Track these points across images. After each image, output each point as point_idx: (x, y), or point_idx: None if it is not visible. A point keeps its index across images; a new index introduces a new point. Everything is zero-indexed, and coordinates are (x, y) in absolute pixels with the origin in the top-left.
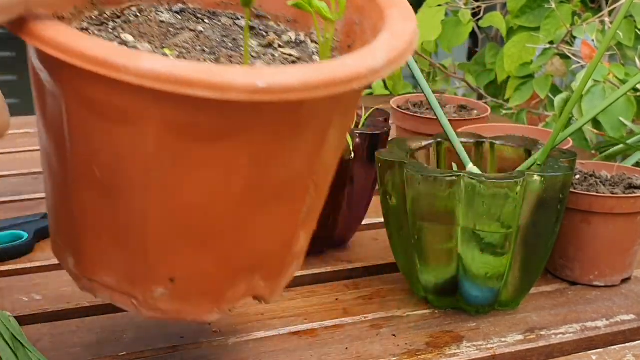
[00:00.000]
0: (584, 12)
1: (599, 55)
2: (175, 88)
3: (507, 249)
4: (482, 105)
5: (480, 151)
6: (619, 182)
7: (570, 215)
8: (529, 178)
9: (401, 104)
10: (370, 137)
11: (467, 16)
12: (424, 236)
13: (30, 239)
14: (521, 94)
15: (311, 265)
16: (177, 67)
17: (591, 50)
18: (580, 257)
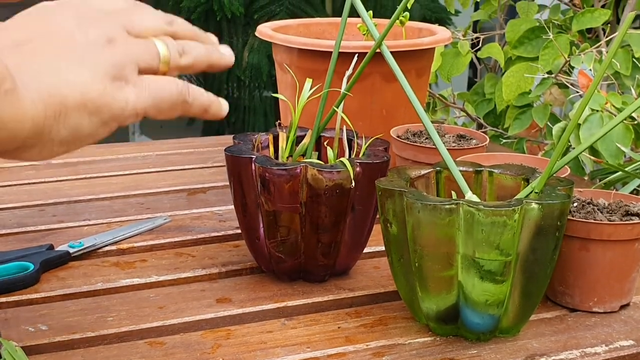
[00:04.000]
0: (582, 43)
1: (594, 83)
2: None
3: (506, 276)
4: (481, 135)
5: (479, 180)
6: (617, 209)
7: (569, 242)
8: (527, 206)
9: (401, 134)
10: (371, 166)
11: (465, 47)
12: (424, 264)
13: (36, 270)
14: (520, 122)
15: (313, 293)
16: None
17: (588, 80)
18: (580, 284)
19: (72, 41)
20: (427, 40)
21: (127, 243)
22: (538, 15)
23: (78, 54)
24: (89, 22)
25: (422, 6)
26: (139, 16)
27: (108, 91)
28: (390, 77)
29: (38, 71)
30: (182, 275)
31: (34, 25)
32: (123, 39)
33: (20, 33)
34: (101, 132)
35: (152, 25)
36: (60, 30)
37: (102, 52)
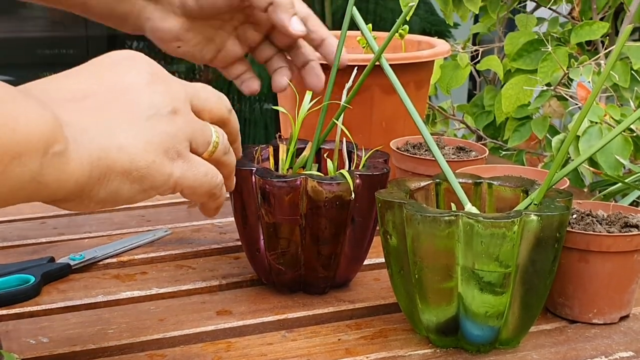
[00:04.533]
0: (580, 55)
1: (593, 95)
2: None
3: (506, 288)
4: (480, 147)
5: (479, 191)
6: (616, 221)
7: (568, 254)
8: (526, 217)
9: (400, 146)
10: (371, 178)
11: (465, 60)
12: (424, 276)
13: (37, 283)
14: (520, 135)
15: (313, 305)
16: None
17: (587, 92)
18: (579, 296)
19: (137, 103)
20: (426, 53)
21: (128, 255)
22: (537, 28)
23: (138, 119)
24: (159, 84)
25: (422, 19)
26: (205, 93)
27: (157, 163)
28: (390, 90)
29: (94, 130)
30: (182, 287)
31: (105, 77)
32: (186, 113)
33: (86, 84)
34: (139, 198)
35: (215, 106)
36: (129, 87)
37: (163, 122)
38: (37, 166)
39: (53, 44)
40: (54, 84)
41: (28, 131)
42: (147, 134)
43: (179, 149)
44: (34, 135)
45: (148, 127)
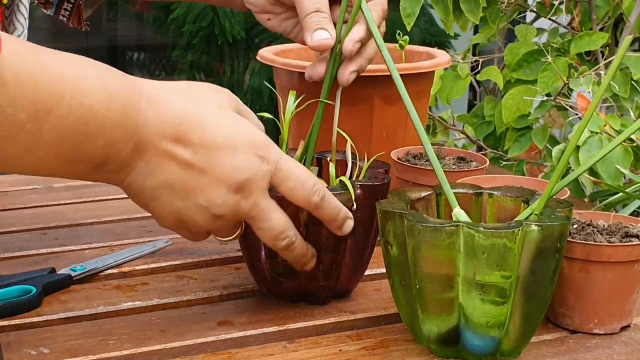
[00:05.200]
0: (580, 65)
1: (593, 106)
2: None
3: (507, 298)
4: (481, 157)
5: (479, 201)
6: (616, 231)
7: (569, 264)
8: (527, 228)
9: (401, 156)
10: (371, 189)
11: (465, 70)
12: (425, 286)
13: (39, 294)
14: (520, 145)
15: (314, 316)
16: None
17: (587, 103)
18: (580, 306)
19: (204, 187)
20: (427, 63)
21: (129, 266)
22: (536, 39)
23: (187, 195)
24: (242, 192)
25: (422, 30)
26: (291, 183)
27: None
28: (390, 100)
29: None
30: (183, 298)
31: (215, 153)
32: (229, 220)
33: (199, 142)
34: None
35: (300, 200)
36: (221, 172)
37: (202, 217)
38: (84, 171)
39: None
40: (189, 116)
41: (92, 153)
42: (182, 211)
43: (193, 231)
44: (95, 156)
45: (188, 209)
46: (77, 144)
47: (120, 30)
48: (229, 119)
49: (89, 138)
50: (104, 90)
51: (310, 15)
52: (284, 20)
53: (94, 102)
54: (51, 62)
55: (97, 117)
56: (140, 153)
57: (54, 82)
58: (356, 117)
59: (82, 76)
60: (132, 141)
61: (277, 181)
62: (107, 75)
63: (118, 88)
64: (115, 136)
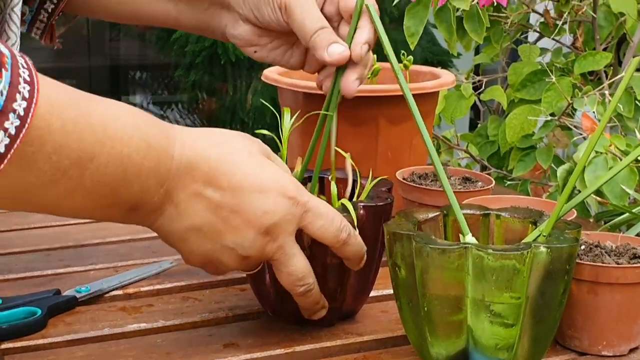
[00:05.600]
0: (584, 85)
1: (600, 129)
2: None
3: (516, 320)
4: (486, 177)
5: (487, 223)
6: (624, 252)
7: (577, 285)
8: (536, 249)
9: (406, 176)
10: (375, 209)
11: (468, 90)
12: (433, 308)
13: (44, 315)
14: (524, 164)
15: (321, 338)
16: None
17: (592, 122)
18: (588, 327)
19: (235, 231)
20: (431, 84)
21: (134, 287)
22: (540, 59)
23: (216, 237)
24: (271, 236)
25: (424, 49)
26: (320, 221)
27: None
28: (396, 120)
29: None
30: (189, 319)
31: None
32: (254, 262)
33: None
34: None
35: (328, 240)
36: (251, 215)
37: (228, 257)
38: (118, 215)
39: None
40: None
41: (127, 198)
42: (210, 253)
43: (220, 269)
44: (130, 201)
45: (216, 251)
46: (114, 190)
47: (122, 49)
48: (258, 164)
49: (125, 184)
50: (142, 139)
51: (317, 33)
52: (272, 50)
53: (133, 151)
54: (94, 111)
55: (134, 165)
56: (170, 197)
57: (97, 131)
58: (361, 137)
59: (121, 126)
60: (163, 187)
61: (305, 222)
62: (144, 124)
63: (155, 137)
64: (149, 183)
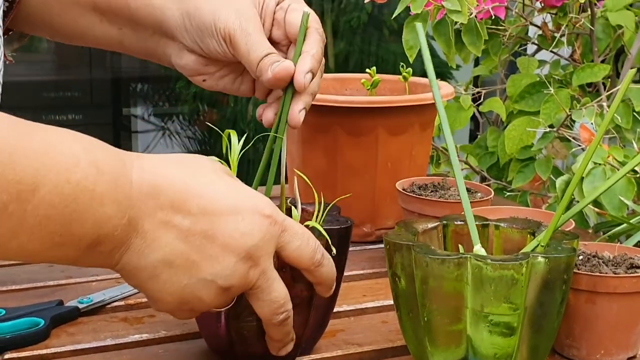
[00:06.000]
0: (582, 97)
1: (597, 139)
2: None
3: (514, 330)
4: (486, 188)
5: (486, 233)
6: (621, 262)
7: (575, 295)
8: (534, 259)
9: (406, 187)
10: (339, 231)
11: (468, 102)
12: (433, 318)
13: (47, 326)
14: (523, 175)
15: (321, 349)
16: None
17: (590, 134)
18: (587, 337)
19: (211, 259)
20: (431, 95)
21: (135, 298)
22: (538, 71)
23: (193, 272)
24: (249, 263)
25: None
26: (297, 243)
27: (170, 310)
28: (395, 131)
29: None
30: (190, 330)
31: (222, 218)
32: (236, 291)
33: (198, 203)
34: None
35: (305, 261)
36: (223, 243)
37: (207, 291)
38: (75, 255)
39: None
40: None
41: (82, 233)
42: (185, 289)
43: (198, 311)
44: (86, 237)
45: (192, 286)
46: (65, 225)
47: (123, 61)
48: (227, 183)
49: (78, 217)
50: (91, 164)
51: (262, 60)
52: (220, 78)
53: (81, 178)
54: (33, 138)
55: (84, 193)
56: (135, 228)
57: (38, 160)
58: (361, 148)
59: (67, 151)
60: (125, 216)
61: (282, 242)
62: (94, 149)
63: (106, 161)
64: (107, 213)
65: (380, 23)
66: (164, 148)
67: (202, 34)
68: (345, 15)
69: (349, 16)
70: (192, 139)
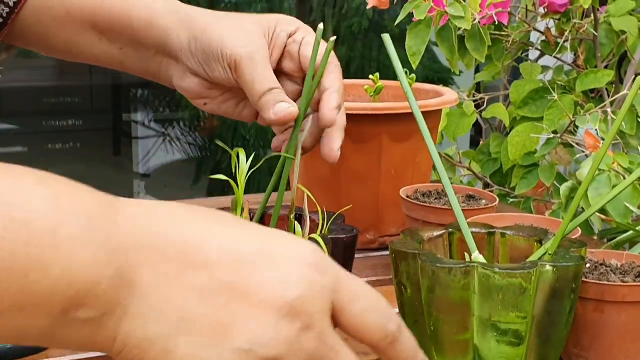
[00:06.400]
0: (586, 103)
1: (604, 147)
2: None
3: (522, 339)
4: (490, 195)
5: (492, 241)
6: (629, 270)
7: (583, 304)
8: (542, 268)
9: (410, 194)
10: (344, 241)
11: (470, 108)
12: (439, 327)
13: None
14: (527, 182)
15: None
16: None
17: (595, 140)
18: (595, 346)
19: (240, 324)
20: (434, 101)
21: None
22: (541, 76)
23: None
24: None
25: (425, 67)
26: (361, 304)
27: None
28: (399, 137)
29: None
30: None
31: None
32: (326, 338)
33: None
34: None
35: (373, 332)
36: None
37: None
38: (46, 323)
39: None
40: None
41: (50, 288)
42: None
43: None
44: (57, 293)
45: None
46: (19, 278)
47: None
48: (256, 227)
49: (33, 266)
50: (48, 198)
51: (264, 94)
52: (222, 102)
53: (33, 218)
54: None
55: (39, 232)
56: (129, 282)
57: None
58: (364, 155)
59: (12, 184)
60: (111, 265)
61: (342, 301)
62: (56, 184)
63: (74, 197)
64: (80, 259)
65: (382, 28)
66: (164, 154)
67: (208, 58)
68: (346, 20)
69: (350, 21)
70: (192, 144)
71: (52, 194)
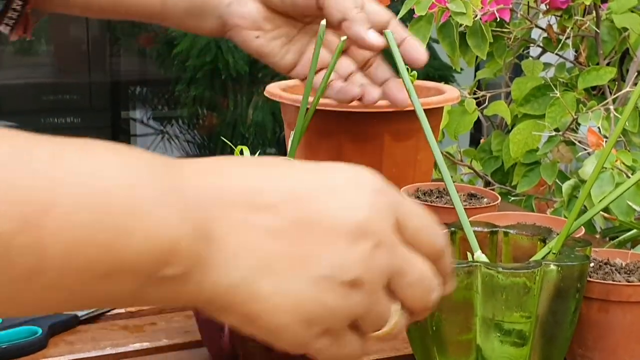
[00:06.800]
0: (588, 100)
1: (609, 145)
2: None
3: (526, 340)
4: (492, 193)
5: (494, 240)
6: (634, 269)
7: (587, 304)
8: (546, 268)
9: (411, 193)
10: None
11: (472, 105)
12: (442, 327)
13: (44, 335)
14: (529, 180)
15: None
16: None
17: (597, 138)
18: (600, 346)
19: (317, 254)
20: (436, 99)
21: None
22: (543, 73)
23: (306, 274)
24: (366, 240)
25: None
26: (417, 221)
27: (290, 330)
28: (400, 136)
29: (243, 260)
30: (193, 338)
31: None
32: (370, 290)
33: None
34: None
35: (432, 243)
36: (323, 229)
37: (332, 292)
38: (133, 287)
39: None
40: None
41: (135, 254)
42: (302, 298)
43: (331, 328)
44: (142, 259)
45: (309, 291)
46: (105, 247)
47: (122, 65)
48: (312, 164)
49: (118, 233)
50: (120, 164)
51: (356, 9)
52: (272, 39)
53: (110, 186)
54: (35, 148)
55: (118, 200)
56: (207, 237)
57: (44, 170)
58: (366, 153)
59: (83, 155)
60: (188, 222)
61: (402, 219)
62: (122, 150)
63: (141, 160)
64: (160, 220)
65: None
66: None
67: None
68: None
69: None
70: (191, 142)
71: (123, 161)
